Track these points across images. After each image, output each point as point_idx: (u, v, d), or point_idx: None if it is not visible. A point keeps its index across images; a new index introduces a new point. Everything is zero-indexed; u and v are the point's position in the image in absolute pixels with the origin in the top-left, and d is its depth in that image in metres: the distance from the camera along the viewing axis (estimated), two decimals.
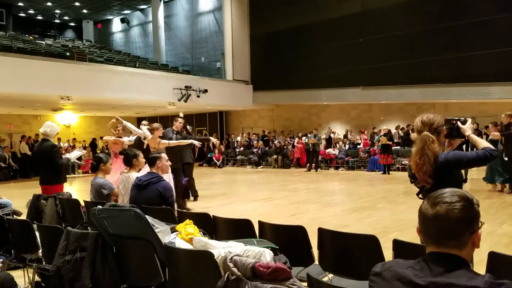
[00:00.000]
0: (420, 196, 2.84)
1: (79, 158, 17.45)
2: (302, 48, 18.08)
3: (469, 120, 2.96)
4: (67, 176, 6.25)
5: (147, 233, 2.82)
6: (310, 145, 16.19)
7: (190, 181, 9.35)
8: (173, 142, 7.23)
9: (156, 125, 7.22)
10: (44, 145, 5.60)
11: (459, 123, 2.94)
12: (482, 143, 2.87)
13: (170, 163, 6.75)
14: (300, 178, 14.11)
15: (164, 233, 2.89)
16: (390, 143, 14.50)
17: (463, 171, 3.21)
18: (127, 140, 8.05)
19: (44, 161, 5.61)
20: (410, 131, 15.49)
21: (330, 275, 2.99)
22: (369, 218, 7.25)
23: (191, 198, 9.45)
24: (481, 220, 1.49)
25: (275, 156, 18.60)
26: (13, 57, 13.30)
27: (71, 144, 19.84)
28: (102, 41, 29.21)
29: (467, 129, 2.92)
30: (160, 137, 7.06)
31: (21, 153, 17.86)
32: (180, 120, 8.29)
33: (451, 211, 1.41)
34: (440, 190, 1.50)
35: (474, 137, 2.97)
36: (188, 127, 9.69)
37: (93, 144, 21.04)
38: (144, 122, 8.14)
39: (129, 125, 7.76)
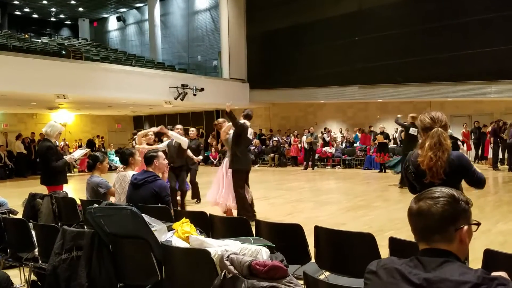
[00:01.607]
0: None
1: None
2: (299, 46, 18.08)
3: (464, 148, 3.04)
4: None
5: (143, 232, 2.81)
6: (307, 143, 16.21)
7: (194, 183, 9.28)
8: (226, 127, 7.14)
9: (219, 120, 7.28)
10: (41, 146, 5.60)
11: (459, 142, 3.03)
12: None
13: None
14: (297, 177, 14.13)
15: (161, 232, 2.89)
16: (386, 141, 14.53)
17: None
18: (162, 146, 7.92)
19: (42, 162, 5.60)
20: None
21: (327, 273, 3.00)
22: (365, 216, 7.27)
23: (195, 200, 9.29)
24: (477, 220, 1.50)
25: (271, 155, 18.61)
26: (8, 55, 13.24)
27: (67, 143, 19.77)
28: (98, 40, 29.14)
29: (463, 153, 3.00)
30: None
31: (16, 152, 17.79)
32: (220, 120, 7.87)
33: (432, 206, 1.45)
34: (430, 189, 1.53)
35: None
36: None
37: (90, 144, 20.83)
38: (178, 126, 8.03)
39: (174, 134, 7.63)
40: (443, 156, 2.71)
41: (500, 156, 14.30)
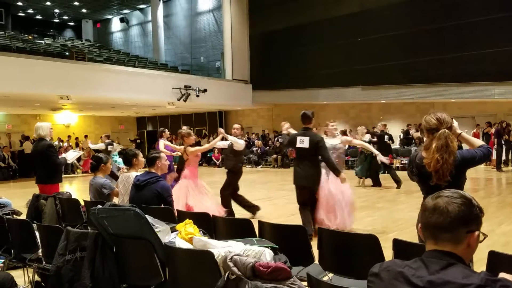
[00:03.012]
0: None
1: (78, 159, 17.48)
2: (301, 47, 18.08)
3: (455, 120, 2.96)
4: (67, 176, 6.25)
5: (147, 233, 2.81)
6: None
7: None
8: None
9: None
10: (41, 145, 5.63)
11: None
12: (477, 141, 2.89)
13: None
14: None
15: (164, 233, 2.89)
16: (390, 142, 14.49)
17: None
18: (222, 144, 7.54)
19: (40, 161, 5.63)
20: (409, 131, 15.52)
21: (330, 275, 2.99)
22: (368, 217, 7.26)
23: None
24: (484, 233, 1.50)
25: (274, 156, 18.61)
26: (12, 56, 13.29)
27: (70, 144, 19.80)
28: (101, 41, 29.20)
29: (457, 128, 2.93)
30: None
31: (22, 153, 17.75)
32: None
33: (450, 204, 1.45)
34: (444, 189, 1.54)
35: (467, 136, 2.98)
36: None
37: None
38: (235, 126, 7.60)
39: (231, 138, 7.25)
40: (449, 158, 2.68)
41: (504, 157, 14.26)
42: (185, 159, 6.70)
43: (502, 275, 1.52)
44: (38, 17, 28.67)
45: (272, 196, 10.07)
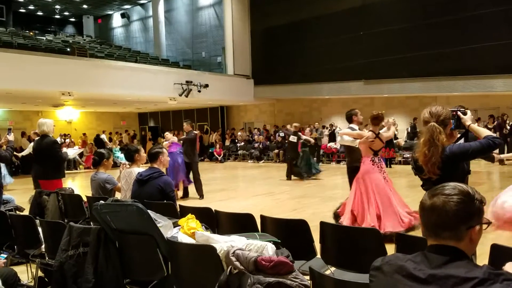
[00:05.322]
0: (425, 187, 2.82)
1: (80, 155, 17.53)
2: (303, 42, 18.02)
3: (469, 111, 2.96)
4: (69, 172, 6.28)
5: (149, 228, 2.82)
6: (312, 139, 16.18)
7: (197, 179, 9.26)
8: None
9: None
10: (45, 141, 5.64)
11: (459, 113, 2.93)
12: (484, 132, 2.87)
13: None
14: None
15: (167, 228, 2.89)
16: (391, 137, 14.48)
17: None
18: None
19: (44, 156, 5.63)
20: (416, 125, 15.50)
21: (332, 269, 3.00)
22: None
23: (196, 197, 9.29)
24: (489, 219, 1.48)
25: (276, 151, 18.60)
26: (13, 53, 13.30)
27: (72, 140, 19.82)
28: (102, 37, 29.18)
29: (468, 119, 2.91)
30: None
31: (22, 149, 17.83)
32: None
33: (447, 203, 1.42)
34: (443, 184, 1.50)
35: (475, 127, 2.95)
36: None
37: (97, 141, 20.59)
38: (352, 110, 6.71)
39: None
40: (437, 152, 2.68)
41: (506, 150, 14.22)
42: (375, 148, 6.09)
43: (509, 265, 1.51)
44: (39, 13, 28.64)
45: (274, 191, 10.07)
